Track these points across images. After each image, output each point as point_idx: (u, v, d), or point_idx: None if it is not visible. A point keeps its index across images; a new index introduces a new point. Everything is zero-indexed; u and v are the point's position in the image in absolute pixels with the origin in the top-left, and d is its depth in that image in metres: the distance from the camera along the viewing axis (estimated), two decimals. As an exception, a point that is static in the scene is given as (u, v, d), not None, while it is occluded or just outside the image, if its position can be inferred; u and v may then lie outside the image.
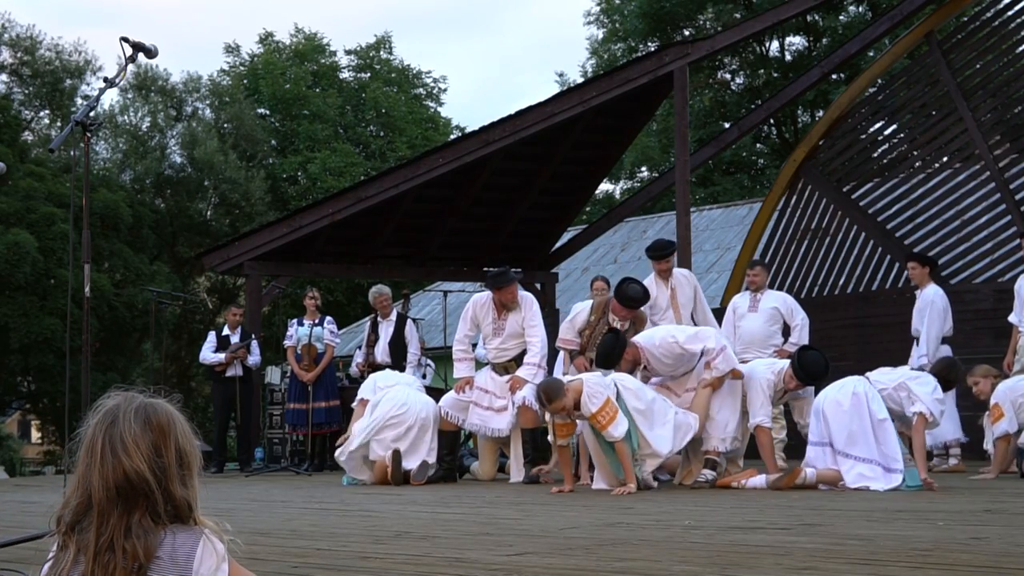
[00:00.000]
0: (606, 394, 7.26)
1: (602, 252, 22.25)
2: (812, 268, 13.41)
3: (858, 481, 7.11)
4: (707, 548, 4.15)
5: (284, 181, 32.80)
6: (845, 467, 7.20)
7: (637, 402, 7.43)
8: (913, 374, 7.56)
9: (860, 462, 7.15)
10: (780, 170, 14.98)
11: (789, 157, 14.56)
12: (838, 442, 7.23)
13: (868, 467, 7.13)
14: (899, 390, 7.30)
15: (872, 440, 7.14)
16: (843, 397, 7.28)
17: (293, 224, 13.43)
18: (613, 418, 7.23)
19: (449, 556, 4.05)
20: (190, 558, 2.03)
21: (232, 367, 12.09)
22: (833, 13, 27.83)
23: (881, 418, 7.18)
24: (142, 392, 2.15)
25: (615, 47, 31.64)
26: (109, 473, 2.04)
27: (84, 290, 5.48)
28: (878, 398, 7.28)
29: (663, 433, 7.50)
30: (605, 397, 7.24)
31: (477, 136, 13.20)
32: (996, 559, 3.70)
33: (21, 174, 24.17)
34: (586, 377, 7.45)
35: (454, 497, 7.46)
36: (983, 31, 12.77)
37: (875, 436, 7.15)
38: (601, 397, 7.23)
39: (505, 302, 9.05)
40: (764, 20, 13.50)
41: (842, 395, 7.31)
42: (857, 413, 7.20)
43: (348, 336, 20.57)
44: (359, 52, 37.11)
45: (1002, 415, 8.38)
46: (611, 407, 7.24)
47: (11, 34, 27.97)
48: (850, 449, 7.19)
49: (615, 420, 7.23)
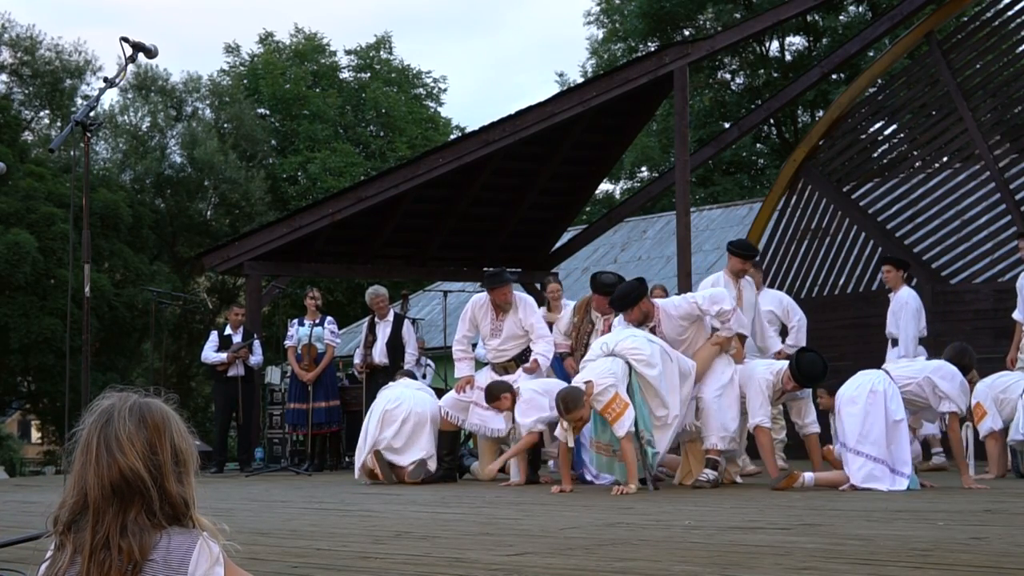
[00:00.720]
0: (613, 390, 7.28)
1: (602, 252, 22.24)
2: (812, 268, 13.41)
3: (867, 481, 7.09)
4: (707, 548, 4.15)
5: (284, 181, 32.80)
6: (855, 465, 7.15)
7: (650, 369, 7.44)
8: (934, 365, 7.44)
9: (871, 461, 7.13)
10: (780, 170, 14.98)
11: (789, 157, 14.55)
12: (849, 439, 7.21)
13: (878, 467, 7.12)
14: (924, 385, 7.29)
15: (883, 440, 7.12)
16: (859, 394, 7.26)
17: (293, 224, 13.43)
18: (621, 414, 7.25)
19: (449, 556, 4.05)
20: (185, 561, 2.03)
21: (234, 367, 12.08)
22: (833, 13, 27.83)
23: (897, 419, 7.15)
24: (138, 392, 2.15)
25: (615, 47, 31.64)
26: (105, 472, 2.04)
27: (84, 290, 5.48)
28: (897, 397, 7.23)
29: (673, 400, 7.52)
30: (613, 393, 7.27)
31: (477, 136, 13.19)
32: (996, 559, 3.69)
33: (21, 174, 24.18)
34: (595, 376, 7.42)
35: (454, 497, 7.46)
36: (983, 31, 12.77)
37: (887, 436, 7.13)
38: (608, 394, 7.26)
39: (499, 303, 9.07)
40: (764, 20, 13.49)
41: (859, 392, 7.28)
42: (873, 411, 7.17)
43: (348, 336, 20.56)
44: (359, 52, 37.12)
45: (985, 414, 8.38)
46: (619, 402, 7.26)
47: (11, 34, 27.99)
48: (861, 447, 7.17)
49: (622, 417, 7.24)
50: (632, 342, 7.57)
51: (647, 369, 7.44)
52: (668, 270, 18.59)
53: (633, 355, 7.48)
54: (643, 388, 7.47)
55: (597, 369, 7.45)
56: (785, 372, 7.78)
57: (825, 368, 7.98)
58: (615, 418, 7.26)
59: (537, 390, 8.61)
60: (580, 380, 7.54)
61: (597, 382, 7.33)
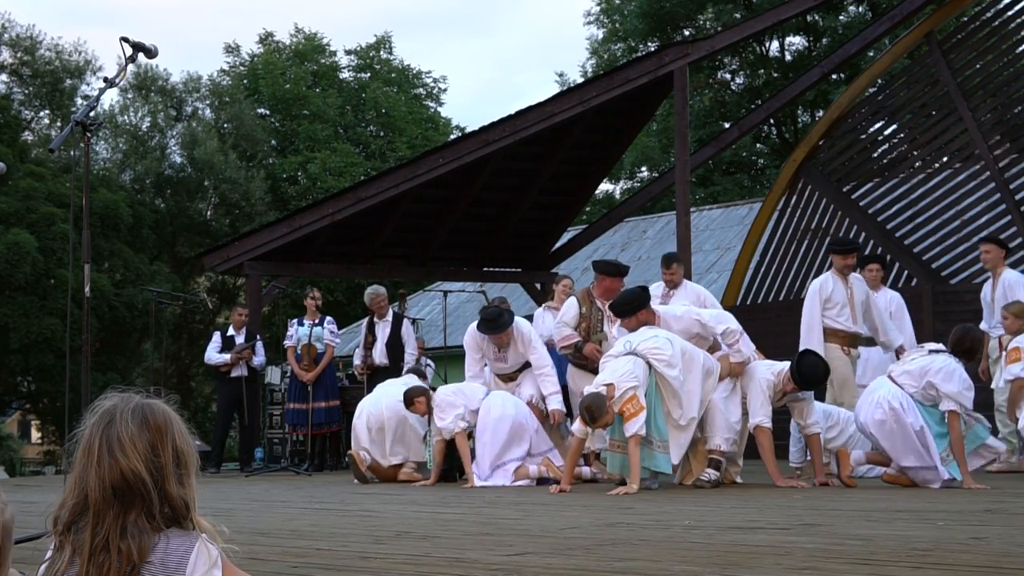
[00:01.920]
0: (632, 391, 7.29)
1: (602, 252, 22.21)
2: (812, 268, 13.40)
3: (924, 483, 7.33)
4: (707, 548, 4.15)
5: (284, 181, 32.80)
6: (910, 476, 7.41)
7: (670, 370, 7.46)
8: (934, 363, 7.41)
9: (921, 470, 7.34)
10: (780, 170, 14.97)
11: (789, 157, 14.55)
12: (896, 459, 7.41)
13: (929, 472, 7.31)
14: (928, 389, 7.34)
15: (920, 448, 7.29)
16: (883, 414, 7.37)
17: (293, 224, 13.43)
18: (635, 415, 7.26)
19: (449, 556, 4.05)
20: (182, 563, 2.03)
21: (238, 368, 12.14)
22: (833, 13, 27.84)
23: (919, 428, 7.29)
24: (139, 393, 2.15)
25: (615, 47, 31.65)
26: (106, 473, 2.04)
27: (84, 290, 5.48)
28: (912, 407, 7.35)
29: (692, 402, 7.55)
30: (632, 394, 7.29)
31: (477, 136, 13.19)
32: (996, 559, 3.69)
33: (21, 174, 24.18)
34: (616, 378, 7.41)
35: (454, 497, 7.46)
36: (983, 31, 12.76)
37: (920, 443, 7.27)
38: (628, 394, 7.28)
39: (499, 344, 9.07)
40: (764, 20, 13.50)
41: (880, 412, 7.39)
42: (901, 429, 7.32)
43: (348, 336, 20.56)
44: (359, 52, 37.12)
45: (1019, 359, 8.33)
46: (635, 403, 7.27)
47: (11, 34, 28.00)
48: (906, 462, 7.35)
49: (635, 418, 7.25)
50: (654, 342, 7.57)
51: (667, 370, 7.45)
52: (668, 270, 18.57)
53: (654, 355, 7.48)
54: (662, 388, 7.47)
55: (619, 371, 7.42)
56: (785, 374, 7.78)
57: (827, 371, 7.99)
58: (629, 417, 7.27)
59: (451, 392, 8.76)
60: (601, 382, 7.48)
61: (619, 384, 7.33)
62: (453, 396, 8.77)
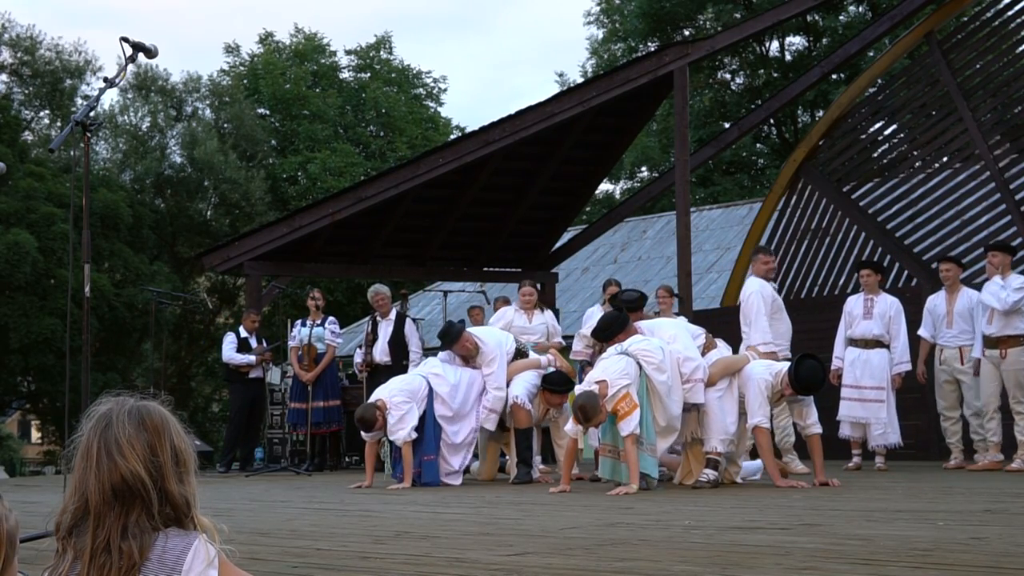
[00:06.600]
0: (626, 389, 7.30)
1: (602, 252, 22.24)
2: (812, 268, 13.41)
3: None
4: (707, 548, 4.15)
5: (284, 181, 32.78)
6: None
7: (659, 374, 7.49)
8: None
9: None
10: (780, 170, 14.97)
11: (789, 157, 14.55)
12: None
13: None
14: None
15: None
16: None
17: (293, 224, 13.43)
18: (628, 413, 7.27)
19: (449, 556, 4.05)
20: (179, 561, 2.03)
21: (256, 368, 12.32)
22: (833, 13, 27.82)
23: None
24: (134, 395, 2.16)
25: (615, 47, 31.64)
26: (105, 476, 2.04)
27: (84, 290, 5.48)
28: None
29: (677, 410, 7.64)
30: (624, 393, 7.29)
31: (477, 136, 13.20)
32: (996, 559, 3.70)
33: (21, 174, 24.18)
34: (609, 376, 7.41)
35: (454, 497, 7.47)
36: (983, 31, 12.76)
37: None
38: (621, 392, 7.28)
39: (463, 354, 9.04)
40: (764, 20, 13.50)
41: None
42: None
43: (348, 336, 20.56)
44: (359, 52, 37.10)
45: None
46: (629, 401, 7.28)
47: (11, 34, 27.99)
48: None
49: (629, 416, 7.26)
50: (646, 345, 7.63)
51: (656, 374, 7.47)
52: (668, 270, 18.59)
53: (645, 357, 7.50)
54: (650, 392, 7.48)
55: (612, 369, 7.45)
56: (784, 377, 7.78)
57: (825, 376, 8.00)
58: (623, 416, 7.28)
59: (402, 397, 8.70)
60: (594, 379, 7.51)
61: (612, 381, 7.34)
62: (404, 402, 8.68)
